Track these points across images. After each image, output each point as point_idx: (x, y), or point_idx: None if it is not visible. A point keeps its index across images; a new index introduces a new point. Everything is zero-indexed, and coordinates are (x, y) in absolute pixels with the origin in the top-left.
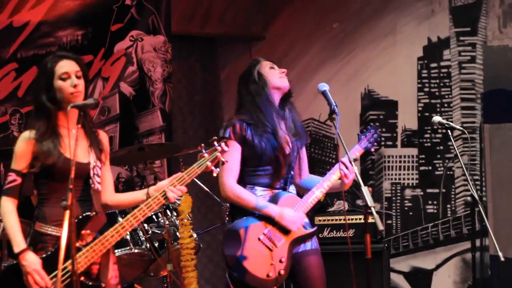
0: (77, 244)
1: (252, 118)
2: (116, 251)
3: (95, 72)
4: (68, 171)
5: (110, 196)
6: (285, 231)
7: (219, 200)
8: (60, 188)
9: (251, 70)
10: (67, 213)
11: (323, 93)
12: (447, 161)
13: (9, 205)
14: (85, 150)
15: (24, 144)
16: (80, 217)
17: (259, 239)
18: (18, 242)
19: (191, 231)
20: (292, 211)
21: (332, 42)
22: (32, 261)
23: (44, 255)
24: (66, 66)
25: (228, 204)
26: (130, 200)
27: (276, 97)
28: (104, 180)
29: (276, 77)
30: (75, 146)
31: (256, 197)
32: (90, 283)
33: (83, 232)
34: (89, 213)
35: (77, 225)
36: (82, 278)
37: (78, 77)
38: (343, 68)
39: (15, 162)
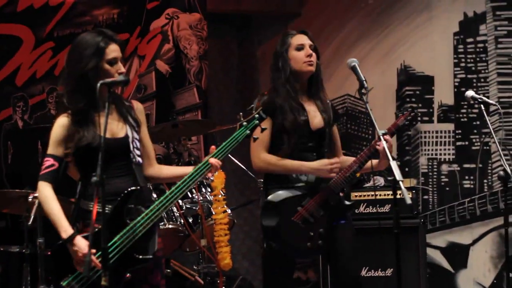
0: (128, 221)
1: (276, 95)
2: None
3: (131, 50)
4: (105, 149)
5: (153, 167)
6: (323, 203)
7: (254, 177)
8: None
9: (280, 49)
10: (98, 188)
11: (352, 68)
12: (483, 136)
13: (49, 191)
14: (120, 124)
15: (61, 130)
16: (125, 192)
17: (297, 210)
18: (65, 228)
19: (225, 206)
20: (326, 160)
21: (368, 18)
22: (81, 246)
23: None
24: (116, 51)
25: (262, 180)
26: (175, 174)
27: (301, 78)
28: (145, 150)
29: (298, 62)
30: (105, 123)
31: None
32: (141, 257)
33: (129, 207)
34: (133, 188)
35: (122, 201)
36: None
37: (121, 63)
38: (379, 44)
39: (52, 147)
